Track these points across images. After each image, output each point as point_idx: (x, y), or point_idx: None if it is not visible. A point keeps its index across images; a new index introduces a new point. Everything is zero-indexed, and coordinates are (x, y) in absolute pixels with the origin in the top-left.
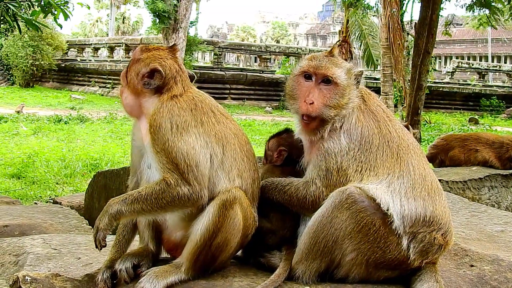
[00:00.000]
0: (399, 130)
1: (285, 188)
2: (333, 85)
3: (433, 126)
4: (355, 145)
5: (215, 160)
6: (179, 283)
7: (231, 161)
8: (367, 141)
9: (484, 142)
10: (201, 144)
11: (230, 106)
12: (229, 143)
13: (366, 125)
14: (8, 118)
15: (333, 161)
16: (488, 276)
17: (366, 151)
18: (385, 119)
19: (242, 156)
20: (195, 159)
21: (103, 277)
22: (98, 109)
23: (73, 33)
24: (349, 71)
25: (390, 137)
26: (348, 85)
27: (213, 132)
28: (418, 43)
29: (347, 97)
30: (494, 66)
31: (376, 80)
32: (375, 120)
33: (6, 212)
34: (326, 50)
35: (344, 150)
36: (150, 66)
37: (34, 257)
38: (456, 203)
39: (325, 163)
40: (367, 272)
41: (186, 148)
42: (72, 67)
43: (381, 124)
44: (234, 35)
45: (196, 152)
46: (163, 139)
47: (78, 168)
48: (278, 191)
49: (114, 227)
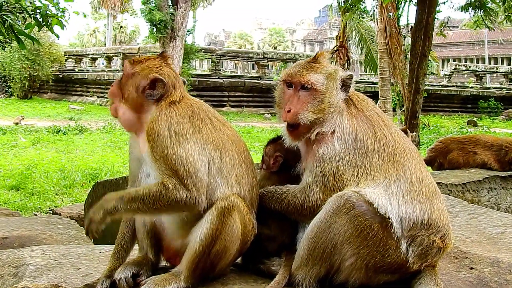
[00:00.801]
0: (395, 134)
1: (282, 196)
2: (312, 91)
3: (431, 129)
4: (350, 149)
5: (213, 166)
6: None
7: (229, 167)
8: (362, 146)
9: (483, 144)
10: (199, 151)
11: (228, 113)
12: (227, 150)
13: (360, 130)
14: (7, 130)
15: (328, 166)
16: (488, 278)
17: (362, 155)
18: (380, 124)
19: (240, 162)
20: (193, 166)
21: (102, 286)
22: (97, 119)
23: (71, 44)
24: (330, 75)
25: (386, 141)
26: (328, 89)
27: (211, 138)
28: (415, 46)
29: (327, 101)
30: (491, 68)
31: (374, 84)
32: (369, 125)
33: (5, 223)
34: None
35: (339, 155)
36: (149, 77)
37: (34, 268)
38: (455, 206)
39: (321, 169)
40: (367, 276)
41: (185, 155)
42: (70, 77)
43: (376, 129)
44: (231, 42)
45: (195, 159)
46: (161, 146)
47: (77, 179)
48: (275, 200)
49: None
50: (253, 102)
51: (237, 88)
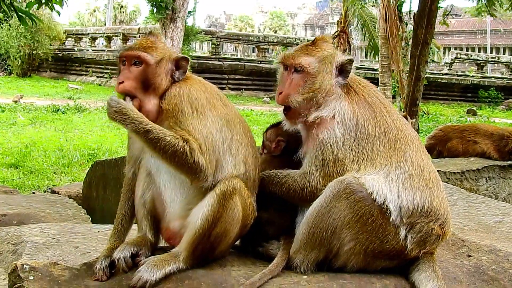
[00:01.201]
0: (397, 121)
1: (282, 180)
2: (304, 73)
3: (431, 117)
4: (351, 135)
5: (225, 143)
6: (177, 272)
7: (238, 145)
8: (363, 132)
9: (483, 133)
10: (217, 128)
11: (228, 96)
12: (236, 127)
13: (361, 115)
14: (6, 108)
15: (328, 151)
16: (486, 266)
17: (363, 141)
18: (381, 110)
19: (247, 141)
20: (212, 144)
21: (101, 266)
22: (96, 99)
23: (71, 23)
24: (326, 59)
25: (387, 127)
26: (320, 72)
27: (223, 115)
28: (417, 34)
29: (318, 84)
30: (493, 57)
31: (374, 71)
32: (371, 111)
33: (4, 201)
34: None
35: (339, 140)
36: (174, 58)
37: (33, 246)
38: (453, 194)
39: (321, 154)
40: (365, 261)
41: (206, 133)
42: (70, 56)
43: (377, 115)
44: (232, 25)
45: (214, 137)
46: (185, 122)
47: (75, 158)
48: (275, 184)
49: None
50: (253, 85)
51: (236, 71)
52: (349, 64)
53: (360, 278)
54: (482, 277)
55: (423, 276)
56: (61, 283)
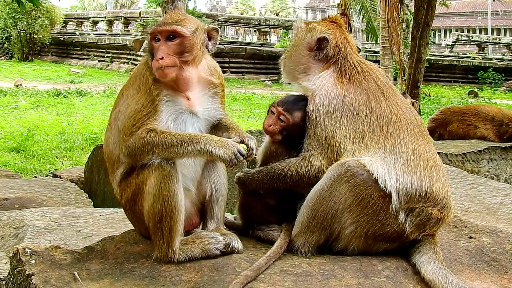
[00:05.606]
0: (394, 107)
1: (285, 170)
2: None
3: (432, 99)
4: (336, 109)
5: None
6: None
7: None
8: (351, 111)
9: (483, 117)
10: None
11: (229, 79)
12: None
13: (350, 96)
14: (7, 92)
15: (318, 128)
16: (487, 248)
17: (351, 119)
18: (377, 95)
19: None
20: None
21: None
22: (97, 83)
23: (72, 7)
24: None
25: (380, 112)
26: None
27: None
28: (418, 16)
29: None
30: (494, 38)
31: (375, 53)
32: (363, 94)
33: (6, 185)
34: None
35: (322, 110)
36: (205, 28)
37: (34, 229)
38: (455, 176)
39: (313, 132)
40: (366, 244)
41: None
42: (71, 40)
43: (370, 98)
44: (233, 8)
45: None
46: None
47: (77, 142)
48: (278, 177)
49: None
50: (254, 68)
51: (238, 54)
52: (325, 41)
53: (361, 260)
54: (483, 259)
55: (424, 258)
56: (62, 267)
